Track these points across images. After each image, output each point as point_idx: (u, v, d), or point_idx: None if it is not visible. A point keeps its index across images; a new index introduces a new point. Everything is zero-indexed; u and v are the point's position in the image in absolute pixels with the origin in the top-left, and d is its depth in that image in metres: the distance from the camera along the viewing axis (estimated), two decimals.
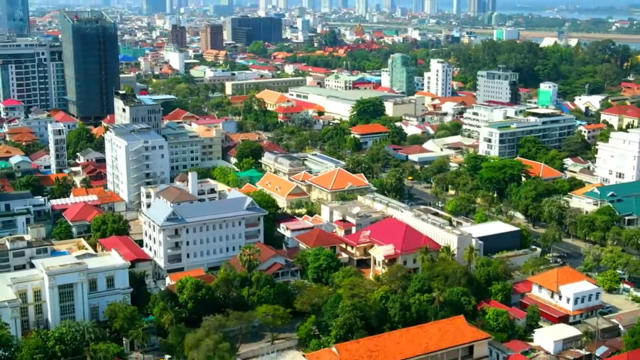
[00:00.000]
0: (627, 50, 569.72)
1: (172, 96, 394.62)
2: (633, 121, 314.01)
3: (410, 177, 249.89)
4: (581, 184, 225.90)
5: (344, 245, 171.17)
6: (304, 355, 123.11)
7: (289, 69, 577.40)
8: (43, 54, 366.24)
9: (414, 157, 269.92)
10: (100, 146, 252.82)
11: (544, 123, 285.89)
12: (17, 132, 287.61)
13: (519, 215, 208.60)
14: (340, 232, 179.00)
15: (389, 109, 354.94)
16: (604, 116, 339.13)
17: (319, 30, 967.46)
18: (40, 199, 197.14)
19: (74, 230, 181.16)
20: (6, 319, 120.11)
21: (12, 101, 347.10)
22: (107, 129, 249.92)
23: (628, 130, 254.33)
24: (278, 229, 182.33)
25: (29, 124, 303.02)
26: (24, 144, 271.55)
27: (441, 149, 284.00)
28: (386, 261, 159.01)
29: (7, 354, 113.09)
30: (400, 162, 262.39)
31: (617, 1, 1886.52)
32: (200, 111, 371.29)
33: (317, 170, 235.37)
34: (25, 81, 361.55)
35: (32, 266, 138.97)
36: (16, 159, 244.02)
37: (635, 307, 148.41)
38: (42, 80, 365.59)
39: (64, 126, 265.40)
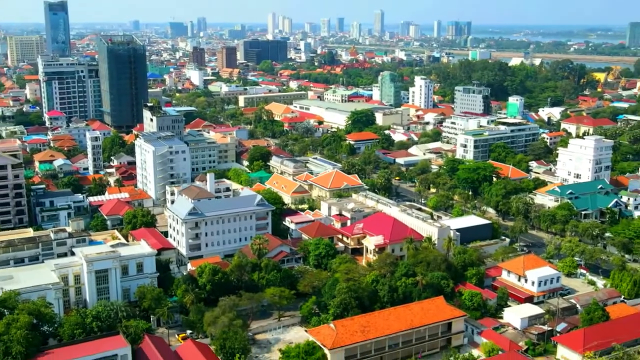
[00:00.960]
0: (583, 69, 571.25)
1: (192, 108, 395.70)
2: (588, 129, 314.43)
3: (397, 178, 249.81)
4: (544, 184, 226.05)
5: (340, 236, 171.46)
6: (306, 331, 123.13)
7: (293, 84, 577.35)
8: (82, 71, 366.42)
9: (400, 160, 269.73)
10: (131, 151, 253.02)
11: (512, 131, 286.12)
12: (60, 138, 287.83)
13: (490, 210, 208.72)
14: (337, 225, 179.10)
15: (379, 119, 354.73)
16: (563, 125, 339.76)
17: (319, 51, 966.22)
18: (79, 196, 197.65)
19: (108, 223, 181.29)
20: (50, 299, 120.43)
21: (55, 112, 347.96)
22: (137, 136, 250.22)
23: (584, 137, 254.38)
24: (284, 222, 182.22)
25: (70, 131, 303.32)
26: (65, 149, 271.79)
27: (424, 153, 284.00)
28: (377, 250, 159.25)
29: (51, 329, 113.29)
30: (388, 164, 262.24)
31: (575, 26, 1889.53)
32: (217, 121, 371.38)
33: (317, 171, 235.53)
34: (67, 95, 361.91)
35: (73, 254, 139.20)
36: (59, 162, 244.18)
37: (591, 289, 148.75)
38: (81, 94, 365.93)
39: (100, 134, 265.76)
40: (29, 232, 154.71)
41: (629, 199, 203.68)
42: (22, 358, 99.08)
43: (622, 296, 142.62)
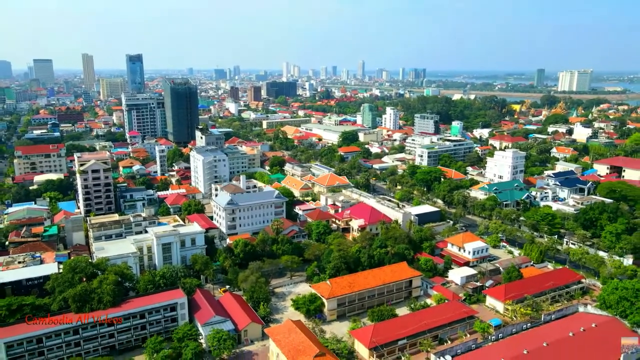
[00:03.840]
0: (504, 102, 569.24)
1: (230, 129, 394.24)
2: (508, 144, 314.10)
3: (374, 178, 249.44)
4: (477, 182, 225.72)
5: (334, 219, 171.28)
6: (310, 286, 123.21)
7: (301, 113, 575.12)
8: (153, 104, 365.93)
9: (376, 166, 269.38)
10: (187, 159, 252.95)
11: (454, 146, 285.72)
12: (137, 151, 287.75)
13: (439, 201, 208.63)
14: (332, 211, 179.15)
15: (361, 137, 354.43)
16: (491, 141, 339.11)
17: (318, 89, 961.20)
18: (151, 191, 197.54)
19: (171, 210, 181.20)
20: (130, 264, 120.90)
21: (134, 132, 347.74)
22: (191, 149, 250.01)
23: (505, 150, 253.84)
24: (294, 209, 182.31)
25: (144, 146, 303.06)
26: (141, 158, 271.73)
27: (392, 161, 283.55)
28: (359, 229, 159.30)
29: (131, 285, 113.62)
30: (368, 169, 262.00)
31: (498, 71, 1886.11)
32: (247, 138, 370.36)
33: (317, 174, 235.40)
34: (142, 120, 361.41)
35: (146, 232, 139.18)
36: (136, 167, 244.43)
37: (509, 257, 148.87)
38: (152, 119, 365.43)
39: (165, 147, 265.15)
40: (115, 217, 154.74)
41: (536, 193, 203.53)
42: (110, 305, 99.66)
43: (532, 261, 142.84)
